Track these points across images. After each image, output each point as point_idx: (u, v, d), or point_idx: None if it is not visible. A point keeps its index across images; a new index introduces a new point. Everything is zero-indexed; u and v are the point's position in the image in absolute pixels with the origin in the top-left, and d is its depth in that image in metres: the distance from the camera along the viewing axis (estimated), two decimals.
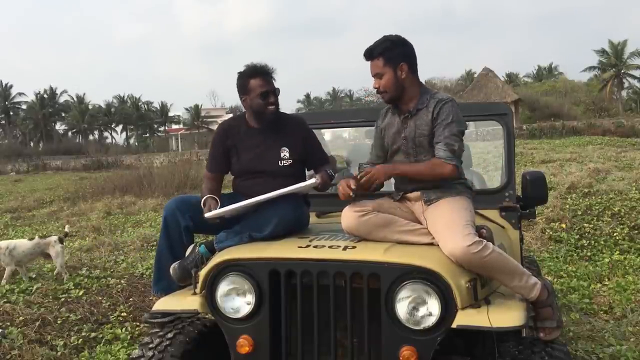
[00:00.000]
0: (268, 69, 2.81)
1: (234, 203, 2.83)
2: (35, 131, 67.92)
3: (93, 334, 4.06)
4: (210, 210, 2.60)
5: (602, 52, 51.13)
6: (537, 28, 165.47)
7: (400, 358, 2.02)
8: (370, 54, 2.51)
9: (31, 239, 5.51)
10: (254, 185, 2.80)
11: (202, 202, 2.68)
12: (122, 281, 5.20)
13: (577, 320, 4.19)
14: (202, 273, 2.32)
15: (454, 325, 1.99)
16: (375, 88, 2.53)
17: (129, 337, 4.00)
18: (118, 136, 73.24)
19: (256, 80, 2.77)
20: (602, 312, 4.45)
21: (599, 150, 15.96)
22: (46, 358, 3.63)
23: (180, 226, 2.66)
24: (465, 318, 1.98)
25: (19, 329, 3.91)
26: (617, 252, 6.21)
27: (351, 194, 2.33)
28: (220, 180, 2.96)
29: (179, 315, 2.43)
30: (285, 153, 2.80)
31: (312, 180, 2.65)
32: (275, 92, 2.80)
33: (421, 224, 2.41)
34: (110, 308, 4.55)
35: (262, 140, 2.83)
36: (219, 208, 2.62)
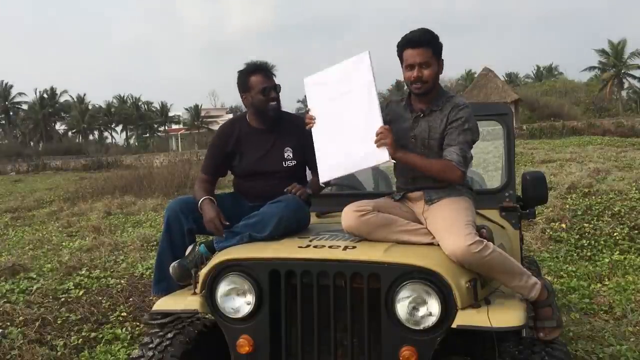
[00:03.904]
0: (268, 65, 2.81)
1: (236, 203, 2.82)
2: (35, 131, 67.86)
3: (93, 334, 4.06)
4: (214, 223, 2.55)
5: (602, 52, 51.17)
6: (537, 28, 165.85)
7: (400, 358, 2.02)
8: (418, 41, 2.37)
9: None
10: (256, 186, 2.79)
11: (199, 205, 2.63)
12: (122, 281, 5.20)
13: (577, 320, 4.19)
14: (202, 273, 2.31)
15: (454, 325, 2.00)
16: (416, 77, 2.38)
17: (129, 337, 4.00)
18: (118, 136, 73.46)
19: (257, 76, 2.76)
20: (602, 312, 4.44)
21: (599, 150, 15.97)
22: (46, 358, 3.63)
23: (183, 228, 2.65)
24: (465, 318, 1.98)
25: (19, 329, 3.91)
26: (617, 252, 6.20)
27: None
28: (215, 183, 2.92)
29: (178, 315, 2.43)
30: (289, 153, 2.79)
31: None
32: (276, 88, 2.79)
33: (421, 223, 2.41)
34: (110, 308, 4.55)
35: (266, 141, 2.81)
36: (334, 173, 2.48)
